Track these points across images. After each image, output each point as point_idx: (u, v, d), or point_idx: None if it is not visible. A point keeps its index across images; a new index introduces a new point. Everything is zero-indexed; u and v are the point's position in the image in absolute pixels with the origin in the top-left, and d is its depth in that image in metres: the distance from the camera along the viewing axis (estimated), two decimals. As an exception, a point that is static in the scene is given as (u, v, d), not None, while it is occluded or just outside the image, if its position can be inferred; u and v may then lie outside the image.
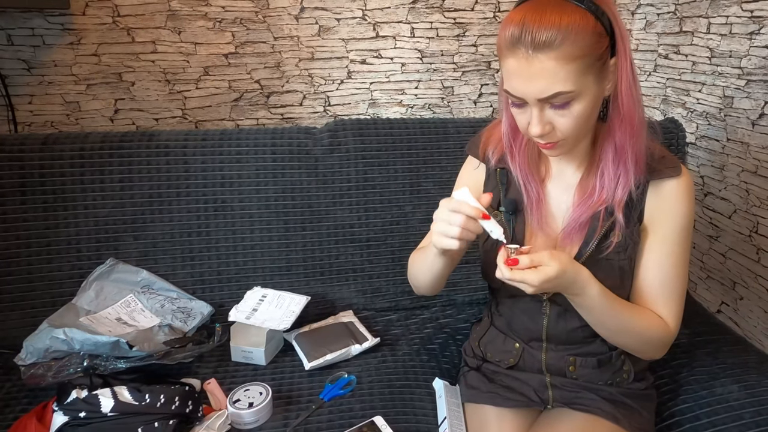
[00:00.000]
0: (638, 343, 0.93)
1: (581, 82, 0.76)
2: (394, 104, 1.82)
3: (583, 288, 0.84)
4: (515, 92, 0.79)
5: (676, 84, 1.69)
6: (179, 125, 1.71)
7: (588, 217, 0.91)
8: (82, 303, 1.23)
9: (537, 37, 0.74)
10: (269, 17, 1.65)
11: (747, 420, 0.97)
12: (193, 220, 1.35)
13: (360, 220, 1.42)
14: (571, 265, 0.82)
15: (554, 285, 0.81)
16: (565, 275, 0.80)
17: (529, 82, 0.77)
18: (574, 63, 0.75)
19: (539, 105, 0.79)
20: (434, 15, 1.73)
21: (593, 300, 0.85)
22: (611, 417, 0.95)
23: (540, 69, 0.75)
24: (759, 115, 1.39)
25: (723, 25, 1.48)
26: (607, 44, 0.78)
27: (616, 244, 0.90)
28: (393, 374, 1.17)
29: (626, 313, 0.89)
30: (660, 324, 0.91)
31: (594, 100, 0.80)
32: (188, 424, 1.00)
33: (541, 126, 0.80)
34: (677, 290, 0.93)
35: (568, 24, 0.74)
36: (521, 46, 0.75)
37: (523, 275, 0.79)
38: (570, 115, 0.79)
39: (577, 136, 0.84)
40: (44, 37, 1.53)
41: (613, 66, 0.81)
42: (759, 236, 1.42)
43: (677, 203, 0.90)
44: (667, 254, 0.91)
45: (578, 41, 0.74)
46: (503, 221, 0.91)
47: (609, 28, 0.78)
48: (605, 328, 0.91)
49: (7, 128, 1.56)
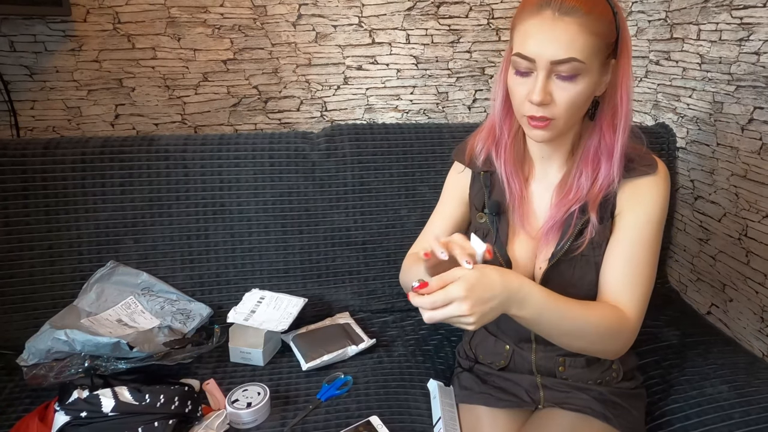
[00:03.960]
0: (595, 339, 0.88)
1: (591, 58, 0.80)
2: (390, 109, 1.84)
3: (524, 298, 0.79)
4: (530, 53, 0.81)
5: (667, 89, 1.71)
6: (179, 130, 1.72)
7: (563, 216, 0.92)
8: (84, 305, 1.24)
9: (566, 2, 0.78)
10: (267, 24, 1.67)
11: (736, 420, 0.99)
12: (193, 223, 1.36)
13: (356, 224, 1.43)
14: (495, 274, 0.77)
15: (482, 301, 0.75)
16: (486, 288, 0.75)
17: (549, 42, 0.79)
18: (592, 37, 0.79)
19: (548, 70, 0.81)
20: (429, 22, 1.75)
21: (539, 306, 0.81)
22: (602, 416, 0.95)
23: (563, 31, 0.78)
24: (748, 120, 1.41)
25: (713, 31, 1.50)
26: (614, 41, 0.83)
27: (590, 241, 0.91)
28: (389, 375, 1.18)
29: (577, 309, 0.85)
30: (616, 315, 0.88)
31: (593, 86, 0.84)
32: (187, 424, 1.01)
33: (543, 93, 0.81)
34: (640, 281, 0.91)
35: (594, 3, 0.80)
36: (548, 9, 0.79)
37: (431, 298, 0.74)
38: (572, 89, 0.81)
39: (567, 120, 0.85)
40: (46, 44, 1.55)
41: (613, 67, 0.85)
42: (748, 239, 1.43)
43: (649, 198, 0.91)
44: (631, 243, 0.91)
45: (600, 20, 0.80)
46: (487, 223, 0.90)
47: (618, 29, 0.83)
48: (560, 333, 0.86)
49: (10, 133, 1.57)
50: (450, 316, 0.74)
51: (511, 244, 0.98)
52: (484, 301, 0.75)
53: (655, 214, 0.91)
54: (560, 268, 0.93)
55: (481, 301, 0.75)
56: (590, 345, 0.90)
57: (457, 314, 0.73)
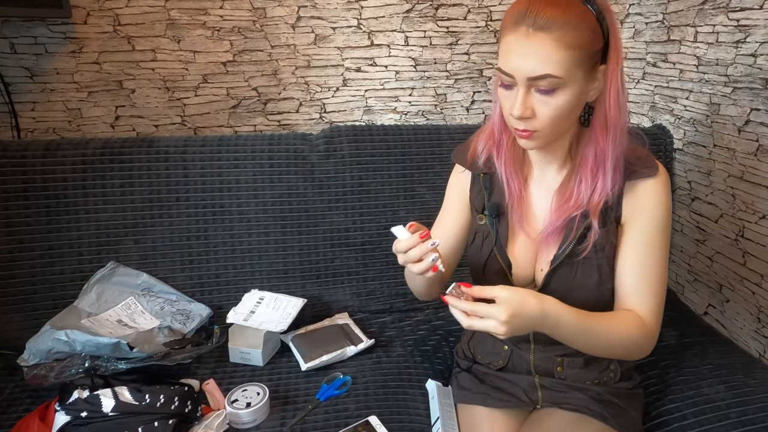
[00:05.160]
0: (621, 349, 0.92)
1: (571, 72, 0.79)
2: (389, 111, 1.84)
3: (557, 322, 0.83)
4: (508, 69, 0.81)
5: (664, 91, 1.72)
6: (178, 131, 1.72)
7: (564, 222, 0.93)
8: (84, 305, 1.25)
9: (540, 16, 0.77)
10: (266, 26, 1.67)
11: (733, 420, 0.99)
12: (192, 224, 1.36)
13: (355, 225, 1.43)
14: (535, 302, 0.82)
15: (518, 326, 0.80)
16: (525, 316, 0.80)
17: (524, 59, 0.79)
18: (569, 51, 0.78)
19: (527, 85, 0.81)
20: (428, 24, 1.76)
21: (570, 327, 0.85)
22: (599, 416, 0.96)
23: (537, 47, 0.78)
24: (745, 122, 1.42)
25: (710, 33, 1.51)
26: (601, 47, 0.82)
27: (593, 244, 0.91)
28: (387, 375, 1.19)
29: (602, 325, 0.89)
30: (637, 324, 0.91)
31: (577, 97, 0.83)
32: (187, 424, 1.01)
33: (522, 108, 0.82)
34: (655, 286, 0.92)
35: (571, 13, 0.78)
36: (523, 24, 0.79)
37: (471, 306, 0.80)
38: (553, 103, 0.81)
39: (553, 131, 0.86)
40: (46, 46, 1.55)
41: (603, 72, 0.84)
42: (745, 240, 1.44)
43: (653, 201, 0.91)
44: (644, 251, 0.92)
45: (577, 31, 0.78)
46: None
47: (606, 34, 0.82)
48: (587, 347, 0.90)
49: (11, 134, 1.58)
50: (486, 329, 0.80)
51: (512, 245, 0.98)
52: (519, 325, 0.80)
53: (662, 218, 0.92)
54: (562, 271, 0.94)
55: (518, 325, 0.80)
56: (615, 354, 0.95)
57: (492, 331, 0.80)
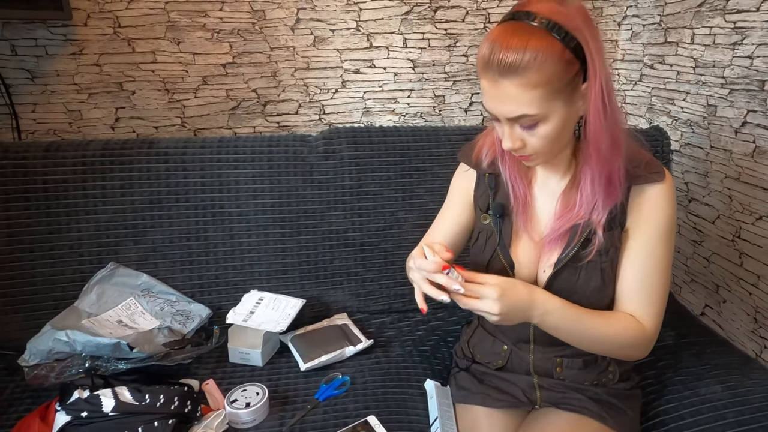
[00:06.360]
0: (614, 349, 0.94)
1: (546, 106, 0.79)
2: (387, 113, 1.85)
3: (547, 311, 0.88)
4: (488, 109, 0.84)
5: (661, 93, 1.72)
6: (178, 133, 1.73)
7: (568, 229, 0.93)
8: (84, 306, 1.25)
9: (503, 61, 0.76)
10: (266, 28, 1.68)
11: (730, 420, 0.99)
12: (192, 225, 1.37)
13: (354, 225, 1.44)
14: (523, 287, 0.87)
15: (509, 306, 0.84)
16: (514, 297, 0.85)
17: (498, 102, 0.80)
18: (537, 90, 0.77)
19: (509, 123, 0.83)
20: (426, 26, 1.77)
21: (560, 318, 0.89)
22: (598, 416, 0.96)
23: (506, 93, 0.78)
24: (741, 124, 1.42)
25: (707, 35, 1.52)
26: (578, 69, 0.78)
27: (598, 247, 0.91)
28: (386, 375, 1.19)
29: (594, 321, 0.90)
30: (634, 326, 0.91)
31: (563, 122, 0.82)
32: (187, 424, 1.01)
33: (511, 141, 0.84)
34: (657, 293, 0.93)
35: (533, 49, 0.75)
36: (489, 71, 0.79)
37: (466, 285, 0.84)
38: (539, 134, 0.82)
39: (549, 152, 0.87)
40: (47, 48, 1.56)
41: (586, 90, 0.81)
42: (741, 241, 1.45)
43: (659, 207, 0.91)
44: (647, 256, 0.92)
45: (542, 68, 0.75)
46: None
47: (581, 53, 0.78)
48: (579, 341, 0.92)
49: (11, 136, 1.58)
50: (480, 309, 0.84)
51: (515, 246, 0.98)
52: (511, 306, 0.85)
53: (667, 224, 0.92)
54: (565, 274, 0.94)
55: (509, 305, 0.84)
56: (610, 353, 0.97)
57: (486, 311, 0.84)
